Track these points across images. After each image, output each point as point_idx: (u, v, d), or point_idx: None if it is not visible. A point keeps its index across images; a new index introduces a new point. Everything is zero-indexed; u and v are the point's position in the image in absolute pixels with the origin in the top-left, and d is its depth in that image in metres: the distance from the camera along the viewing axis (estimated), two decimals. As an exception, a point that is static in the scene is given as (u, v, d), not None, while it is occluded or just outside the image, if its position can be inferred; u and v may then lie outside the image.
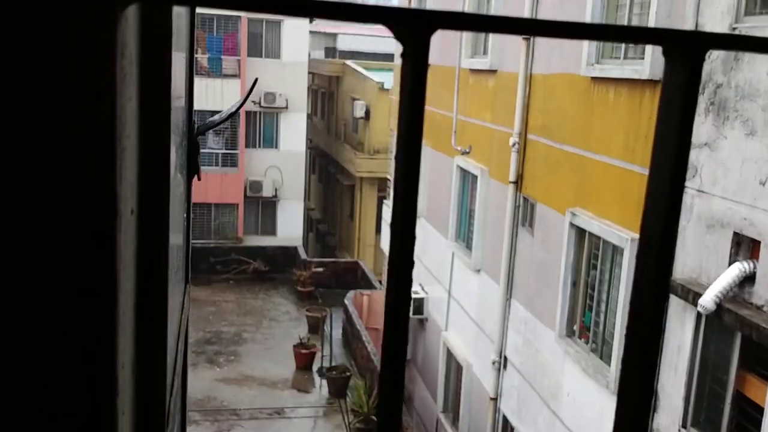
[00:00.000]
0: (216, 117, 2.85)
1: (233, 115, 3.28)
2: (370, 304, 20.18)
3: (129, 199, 0.67)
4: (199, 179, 1.74)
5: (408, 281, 0.51)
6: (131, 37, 0.64)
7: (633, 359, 0.58)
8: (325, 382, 17.71)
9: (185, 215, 1.72)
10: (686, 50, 0.59)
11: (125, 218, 0.63)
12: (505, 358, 11.52)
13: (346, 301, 20.36)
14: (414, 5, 16.35)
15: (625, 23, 8.44)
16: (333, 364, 18.13)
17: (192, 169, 1.66)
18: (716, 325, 6.75)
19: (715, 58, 6.77)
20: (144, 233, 0.80)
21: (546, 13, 10.30)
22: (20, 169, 0.48)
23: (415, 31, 0.53)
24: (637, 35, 0.65)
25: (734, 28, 6.56)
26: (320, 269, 24.29)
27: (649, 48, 7.71)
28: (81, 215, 0.50)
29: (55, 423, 0.51)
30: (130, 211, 0.69)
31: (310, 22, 28.61)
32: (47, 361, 0.50)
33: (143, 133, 0.77)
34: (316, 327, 20.14)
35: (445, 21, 0.56)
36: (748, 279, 6.32)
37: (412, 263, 0.50)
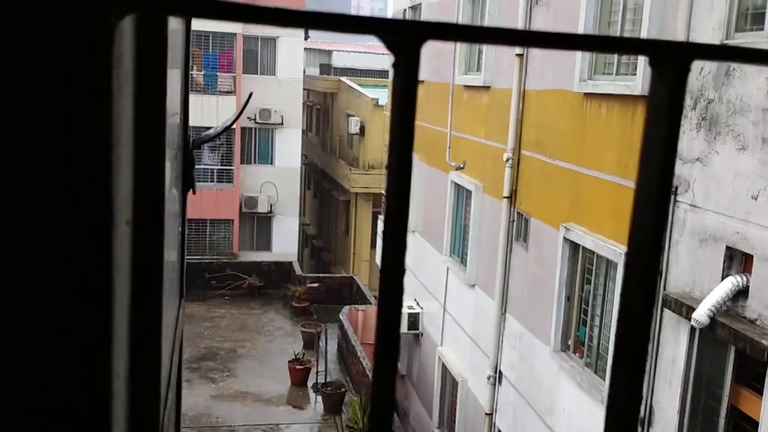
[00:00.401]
0: (211, 131, 2.86)
1: (228, 129, 3.29)
2: (365, 320, 20.13)
3: (124, 209, 0.68)
4: (194, 193, 1.74)
5: (399, 292, 0.51)
6: (127, 49, 0.66)
7: (621, 368, 0.59)
8: (320, 398, 17.63)
9: (180, 229, 1.72)
10: (672, 60, 0.60)
11: (121, 227, 0.63)
12: (500, 373, 11.50)
13: (341, 317, 20.31)
14: (409, 16, 16.42)
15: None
16: (328, 379, 18.05)
17: (187, 183, 1.66)
18: (710, 339, 6.76)
19: (706, 74, 6.83)
20: (139, 245, 0.81)
21: (539, 26, 10.38)
22: (18, 170, 0.49)
23: (405, 41, 0.54)
24: (623, 46, 0.66)
25: (725, 44, 6.61)
26: (315, 284, 24.24)
27: (641, 64, 7.77)
28: (79, 219, 0.50)
29: (50, 423, 0.51)
30: (125, 222, 0.70)
31: (305, 38, 28.72)
32: (46, 361, 0.51)
33: (138, 144, 0.78)
34: (311, 342, 20.07)
35: (436, 31, 0.57)
36: (741, 293, 6.34)
37: (403, 271, 0.51)
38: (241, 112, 2.95)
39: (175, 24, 1.62)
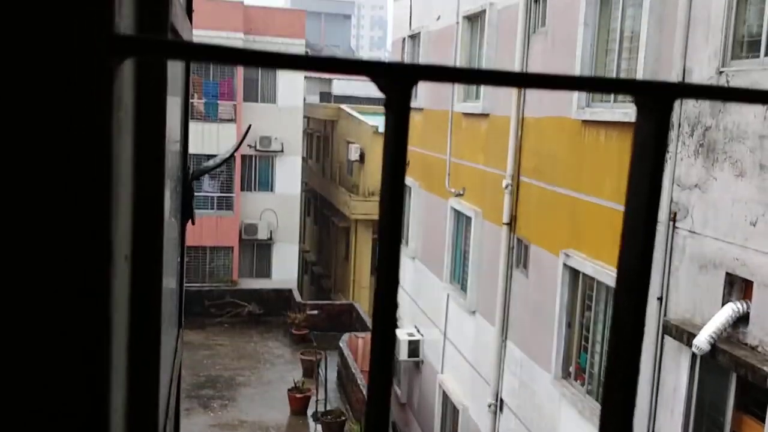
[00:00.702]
0: (210, 162, 2.89)
1: (227, 161, 3.32)
2: (365, 347, 20.03)
3: (123, 245, 0.69)
4: (193, 224, 1.76)
5: (393, 318, 0.53)
6: (127, 90, 0.67)
7: (613, 395, 0.60)
8: (320, 426, 17.48)
9: (179, 259, 1.73)
10: (655, 99, 0.62)
11: (119, 265, 0.65)
12: (501, 400, 11.43)
13: (341, 344, 20.22)
14: (408, 45, 16.58)
15: (614, 68, 8.58)
16: (328, 408, 17.91)
17: (186, 214, 1.68)
18: (711, 366, 6.73)
19: (703, 101, 6.88)
20: (138, 279, 0.82)
21: (537, 59, 10.47)
22: (17, 209, 0.50)
23: (396, 83, 0.56)
24: (608, 86, 0.68)
25: (721, 72, 6.67)
26: (315, 312, 24.16)
27: (638, 91, 7.83)
28: (77, 257, 0.52)
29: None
30: (124, 258, 0.71)
31: (305, 66, 28.90)
32: (45, 396, 0.52)
33: (138, 180, 0.79)
34: (310, 370, 19.95)
35: (425, 74, 0.59)
36: (742, 319, 6.33)
37: (396, 306, 0.52)
38: (240, 144, 2.97)
39: (173, 66, 1.65)
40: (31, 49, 0.50)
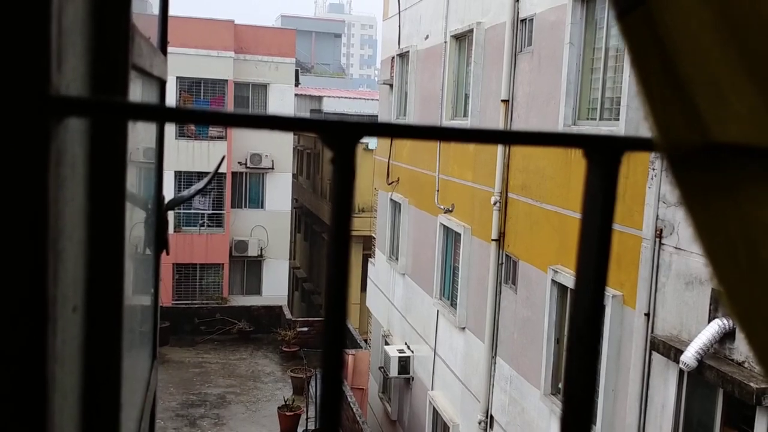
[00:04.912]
0: (185, 192, 2.88)
1: (201, 192, 3.32)
2: (355, 364, 19.95)
3: (70, 297, 0.69)
4: (167, 254, 1.75)
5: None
6: (74, 142, 0.67)
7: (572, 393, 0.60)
8: (310, 445, 17.37)
9: (153, 290, 1.73)
10: (604, 153, 0.62)
11: (64, 317, 0.64)
12: (491, 417, 11.39)
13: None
14: (397, 63, 16.65)
15: (600, 86, 8.64)
16: (318, 426, 17.80)
17: (160, 245, 1.67)
18: (699, 382, 6.74)
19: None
20: (93, 326, 0.81)
21: (523, 77, 10.53)
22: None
23: (341, 139, 0.57)
24: (556, 140, 0.68)
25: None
26: (305, 329, 24.07)
27: (623, 108, 7.88)
28: (9, 314, 0.51)
29: None
30: (72, 309, 0.70)
31: (296, 84, 29.02)
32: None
33: (93, 229, 0.78)
34: (300, 388, 19.86)
35: (367, 130, 0.59)
36: (728, 335, 6.35)
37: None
38: (213, 176, 2.97)
39: (147, 98, 1.65)
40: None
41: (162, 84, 1.63)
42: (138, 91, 1.26)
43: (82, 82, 0.69)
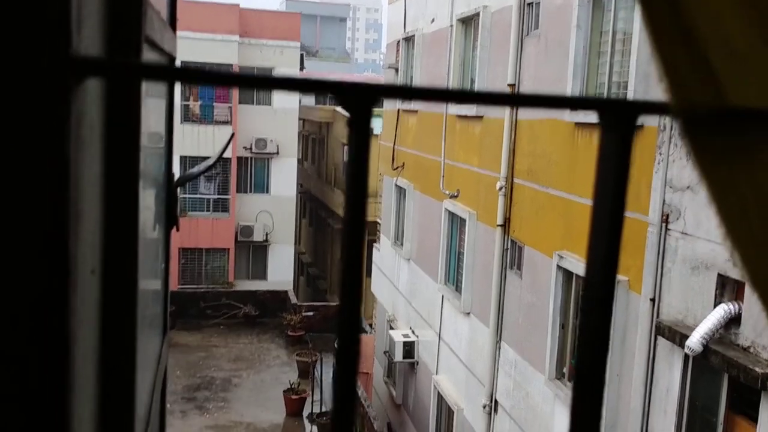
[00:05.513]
0: (195, 169, 2.89)
1: (211, 168, 3.33)
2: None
3: (89, 259, 0.70)
4: (177, 230, 1.76)
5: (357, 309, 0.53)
6: (93, 105, 0.68)
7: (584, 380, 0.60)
8: (315, 427, 17.48)
9: (164, 265, 1.74)
10: (619, 117, 0.63)
11: (83, 278, 0.65)
12: (496, 401, 11.44)
13: (336, 345, 20.19)
14: (402, 47, 16.60)
15: (607, 70, 8.60)
16: (323, 409, 17.92)
17: (170, 221, 1.68)
18: (704, 367, 6.75)
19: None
20: (109, 292, 0.82)
21: (530, 61, 10.49)
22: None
23: (358, 101, 0.57)
24: (572, 103, 0.68)
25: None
26: (310, 313, 24.16)
27: (630, 92, 7.85)
28: (33, 272, 0.52)
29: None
30: (90, 271, 0.71)
31: (301, 69, 28.94)
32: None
33: (109, 195, 0.79)
34: (306, 372, 19.96)
35: (384, 92, 0.60)
36: (734, 320, 6.35)
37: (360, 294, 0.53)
38: (222, 152, 2.98)
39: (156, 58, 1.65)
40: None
41: (171, 60, 1.64)
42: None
43: (98, 50, 0.69)
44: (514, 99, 0.63)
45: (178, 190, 1.87)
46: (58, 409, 0.54)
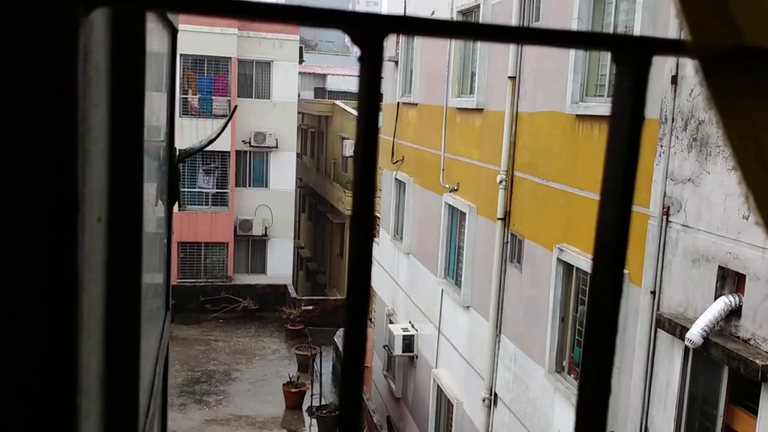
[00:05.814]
0: (196, 144, 2.88)
1: (213, 141, 3.31)
2: (359, 343, 20.03)
3: (96, 205, 0.69)
4: (180, 207, 1.75)
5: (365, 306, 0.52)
6: (98, 44, 0.66)
7: (591, 367, 0.59)
8: (315, 421, 17.50)
9: (165, 241, 1.73)
10: (634, 54, 0.61)
11: (90, 222, 0.64)
12: (496, 395, 11.44)
13: (336, 339, 20.24)
14: (403, 44, 16.56)
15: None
16: (323, 402, 17.94)
17: (173, 195, 1.67)
18: (704, 359, 6.75)
19: (697, 95, 6.89)
20: (114, 241, 0.81)
21: (531, 54, 10.46)
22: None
23: (369, 33, 0.56)
24: (585, 40, 0.67)
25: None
26: (310, 307, 24.17)
27: (632, 85, 7.81)
28: (41, 211, 0.51)
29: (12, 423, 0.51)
30: (97, 219, 0.70)
31: (300, 62, 28.89)
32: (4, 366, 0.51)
33: (114, 140, 0.78)
34: (305, 365, 19.98)
35: (398, 25, 0.58)
36: (734, 312, 6.34)
37: (369, 283, 0.52)
38: (225, 125, 2.97)
39: (159, 46, 1.64)
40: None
41: (174, 33, 1.63)
42: (154, 38, 1.25)
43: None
44: (529, 34, 0.61)
45: (180, 166, 1.87)
46: (67, 344, 0.53)
